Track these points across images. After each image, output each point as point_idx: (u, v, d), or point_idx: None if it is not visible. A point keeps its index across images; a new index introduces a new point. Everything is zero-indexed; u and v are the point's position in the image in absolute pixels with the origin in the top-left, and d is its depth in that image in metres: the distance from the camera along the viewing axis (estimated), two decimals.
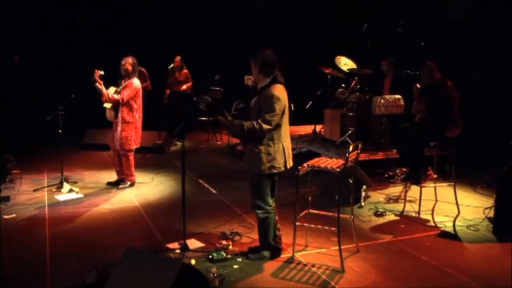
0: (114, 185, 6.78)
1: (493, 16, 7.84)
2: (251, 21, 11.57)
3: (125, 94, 6.39)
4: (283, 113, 4.23)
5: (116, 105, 6.44)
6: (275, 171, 4.26)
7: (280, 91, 4.21)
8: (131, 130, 6.52)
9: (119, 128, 6.49)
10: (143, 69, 8.96)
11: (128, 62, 6.49)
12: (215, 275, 3.88)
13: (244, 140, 4.42)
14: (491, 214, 5.34)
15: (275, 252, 4.49)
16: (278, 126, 4.22)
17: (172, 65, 9.90)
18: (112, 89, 6.44)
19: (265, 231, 4.41)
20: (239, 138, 4.67)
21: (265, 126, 4.11)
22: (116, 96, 6.37)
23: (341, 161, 4.47)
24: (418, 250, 4.70)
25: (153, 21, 11.29)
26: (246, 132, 4.17)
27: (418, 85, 5.90)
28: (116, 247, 4.60)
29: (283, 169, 4.30)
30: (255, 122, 4.13)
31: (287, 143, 4.35)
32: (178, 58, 9.87)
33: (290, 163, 4.37)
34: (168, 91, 10.00)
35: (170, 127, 8.81)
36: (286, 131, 4.36)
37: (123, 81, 6.52)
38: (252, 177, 4.33)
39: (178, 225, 4.72)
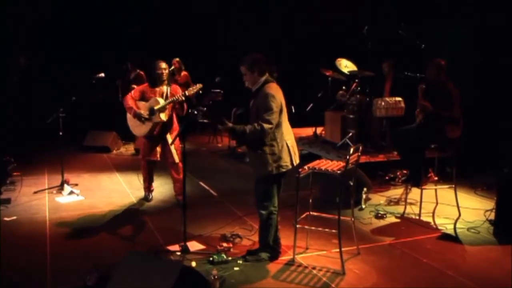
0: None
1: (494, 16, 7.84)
2: (251, 22, 11.57)
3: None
4: (281, 111, 4.22)
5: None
6: (283, 170, 4.24)
7: (274, 89, 4.21)
8: None
9: (173, 139, 5.70)
10: (141, 72, 8.88)
11: (166, 67, 5.88)
12: (216, 277, 3.88)
13: (250, 144, 4.36)
14: (492, 216, 5.34)
15: (274, 254, 4.48)
16: (278, 125, 4.21)
17: (172, 67, 9.88)
18: (160, 101, 5.69)
19: (266, 231, 4.40)
20: (245, 144, 4.61)
21: (266, 126, 4.08)
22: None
23: (342, 163, 4.48)
24: (419, 253, 4.70)
25: (153, 21, 11.31)
26: (249, 136, 4.13)
27: (423, 86, 5.87)
28: (116, 249, 4.61)
29: (290, 167, 4.29)
30: (255, 124, 4.10)
31: (290, 140, 4.33)
32: (176, 60, 9.74)
33: (296, 160, 4.35)
34: None
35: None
36: (288, 128, 4.35)
37: (162, 86, 5.84)
38: (258, 180, 4.32)
39: (179, 227, 4.71)
